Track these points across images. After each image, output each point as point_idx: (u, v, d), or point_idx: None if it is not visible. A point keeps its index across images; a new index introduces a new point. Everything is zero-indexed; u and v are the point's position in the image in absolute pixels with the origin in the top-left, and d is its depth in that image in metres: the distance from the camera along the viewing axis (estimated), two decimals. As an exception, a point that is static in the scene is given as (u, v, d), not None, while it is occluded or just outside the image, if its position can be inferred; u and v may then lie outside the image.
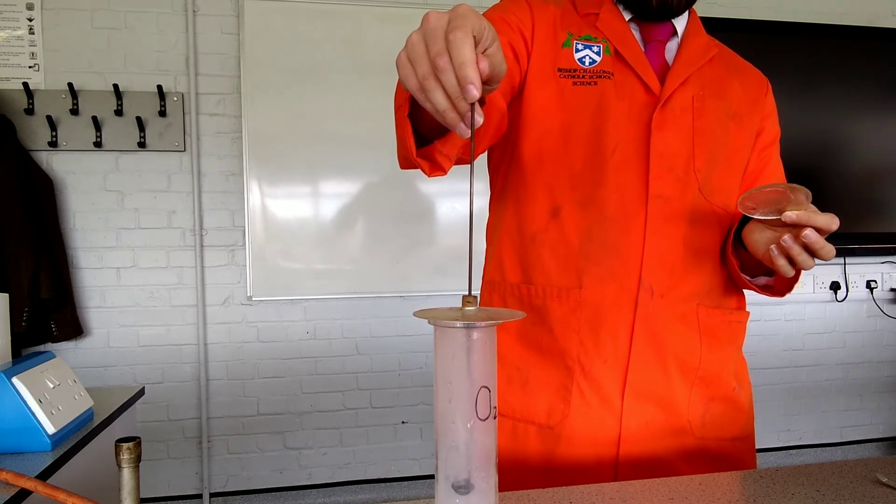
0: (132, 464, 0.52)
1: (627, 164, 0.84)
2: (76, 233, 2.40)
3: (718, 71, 0.92)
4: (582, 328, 0.83)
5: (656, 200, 0.83)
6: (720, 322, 0.88)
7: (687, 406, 0.85)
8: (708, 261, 0.87)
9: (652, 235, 0.83)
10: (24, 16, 2.34)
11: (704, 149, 0.86)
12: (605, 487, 0.68)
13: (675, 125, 0.85)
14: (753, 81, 0.95)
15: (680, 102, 0.86)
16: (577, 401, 0.83)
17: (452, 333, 0.50)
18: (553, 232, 0.86)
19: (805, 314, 2.98)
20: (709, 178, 0.86)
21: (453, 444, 0.50)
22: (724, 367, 0.89)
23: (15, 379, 0.88)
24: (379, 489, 2.64)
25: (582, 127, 0.85)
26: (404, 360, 2.65)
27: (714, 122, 0.87)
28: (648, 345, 0.82)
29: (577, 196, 0.85)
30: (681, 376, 0.84)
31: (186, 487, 2.51)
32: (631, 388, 0.82)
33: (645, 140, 0.84)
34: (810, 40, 2.79)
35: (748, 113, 0.92)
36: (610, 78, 0.86)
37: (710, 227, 0.87)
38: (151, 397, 2.45)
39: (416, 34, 0.52)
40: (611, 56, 0.87)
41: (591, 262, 0.84)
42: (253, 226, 2.46)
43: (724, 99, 0.90)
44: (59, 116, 2.33)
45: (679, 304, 0.84)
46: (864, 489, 0.66)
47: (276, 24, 2.45)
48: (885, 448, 3.08)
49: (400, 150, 0.73)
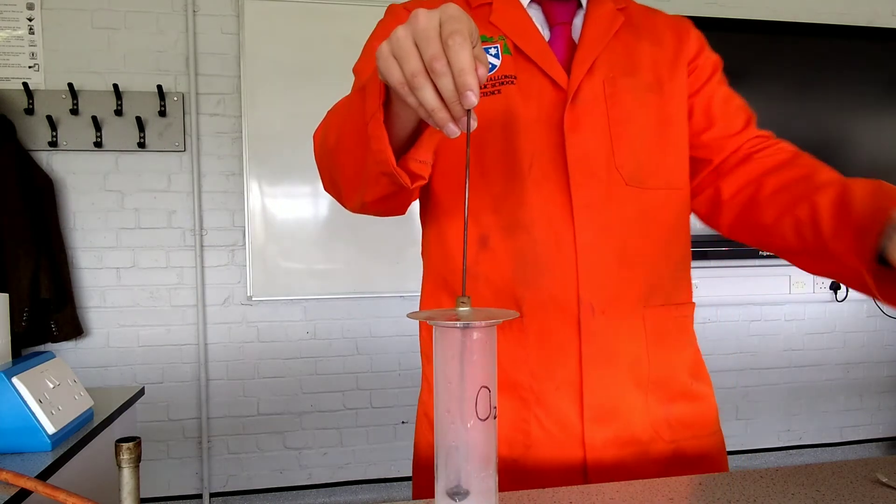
0: (132, 464, 0.52)
1: (546, 178, 0.77)
2: (76, 233, 2.40)
3: (626, 41, 0.83)
4: (530, 358, 0.78)
5: (582, 211, 0.76)
6: (666, 319, 0.82)
7: (646, 413, 0.80)
8: (651, 258, 0.80)
9: (584, 249, 0.76)
10: (24, 16, 2.34)
11: (625, 140, 0.79)
12: (604, 487, 0.68)
13: (589, 121, 0.77)
14: (668, 35, 0.86)
15: (590, 93, 0.78)
16: (537, 431, 0.79)
17: (452, 334, 0.50)
18: (485, 263, 0.80)
19: (805, 314, 2.98)
20: (638, 166, 0.79)
21: (453, 444, 0.50)
22: (675, 366, 0.83)
23: (15, 379, 0.88)
24: (379, 489, 2.64)
25: (494, 145, 0.78)
26: (404, 360, 2.65)
27: (630, 104, 0.79)
28: (599, 363, 0.77)
29: (503, 221, 0.78)
30: (634, 385, 0.79)
31: (186, 487, 2.51)
32: (589, 410, 0.77)
33: (560, 146, 0.77)
34: (810, 40, 2.79)
35: (669, 76, 0.83)
36: (513, 82, 0.78)
37: (651, 218, 0.80)
38: (151, 397, 2.45)
39: (402, 30, 0.51)
40: (511, 55, 0.79)
41: (528, 289, 0.78)
42: (253, 226, 2.46)
43: (637, 73, 0.81)
44: (59, 116, 2.33)
45: (623, 314, 0.78)
46: (864, 489, 0.66)
47: (276, 24, 2.45)
48: (885, 448, 3.08)
49: (354, 168, 0.67)
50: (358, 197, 0.73)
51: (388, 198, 0.71)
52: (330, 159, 0.73)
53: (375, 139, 0.60)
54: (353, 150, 0.67)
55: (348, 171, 0.71)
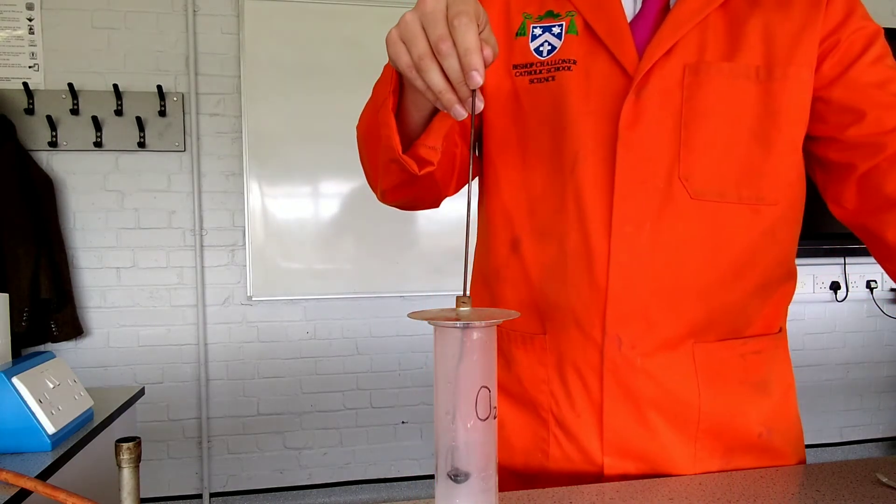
0: (132, 464, 0.52)
1: (591, 182, 0.66)
2: (76, 233, 2.40)
3: (735, 13, 0.66)
4: (551, 378, 0.71)
5: (623, 227, 0.65)
6: (728, 357, 0.70)
7: (693, 465, 0.70)
8: (712, 289, 0.67)
9: (617, 273, 0.65)
10: (24, 16, 2.34)
11: (698, 142, 0.65)
12: (605, 487, 0.68)
13: (654, 116, 0.65)
14: (800, 1, 0.67)
15: (663, 82, 0.65)
16: (556, 452, 0.72)
17: (452, 333, 0.50)
18: (513, 268, 0.73)
19: (805, 314, 2.98)
20: (716, 176, 0.65)
21: (453, 444, 0.50)
22: (739, 412, 0.71)
23: (15, 379, 0.88)
24: (379, 489, 2.64)
25: (540, 138, 0.69)
26: (404, 360, 2.65)
27: (718, 96, 0.64)
28: (621, 397, 0.68)
29: (536, 225, 0.70)
30: (674, 431, 0.69)
31: (186, 487, 2.51)
32: (609, 445, 0.69)
33: (612, 146, 0.65)
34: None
35: (787, 57, 0.65)
36: (571, 68, 0.67)
37: (723, 240, 0.66)
38: (151, 397, 2.45)
39: (410, 14, 0.51)
40: (577, 35, 0.67)
41: (551, 306, 0.70)
42: (253, 226, 2.46)
43: (739, 56, 0.65)
44: (59, 116, 2.33)
45: (660, 351, 0.68)
46: (864, 489, 0.66)
47: (276, 24, 2.45)
48: (885, 448, 3.08)
49: (371, 157, 0.69)
50: (377, 185, 0.75)
51: (404, 186, 0.70)
52: (360, 148, 0.76)
53: (384, 126, 0.61)
54: (370, 138, 0.69)
55: (369, 160, 0.73)
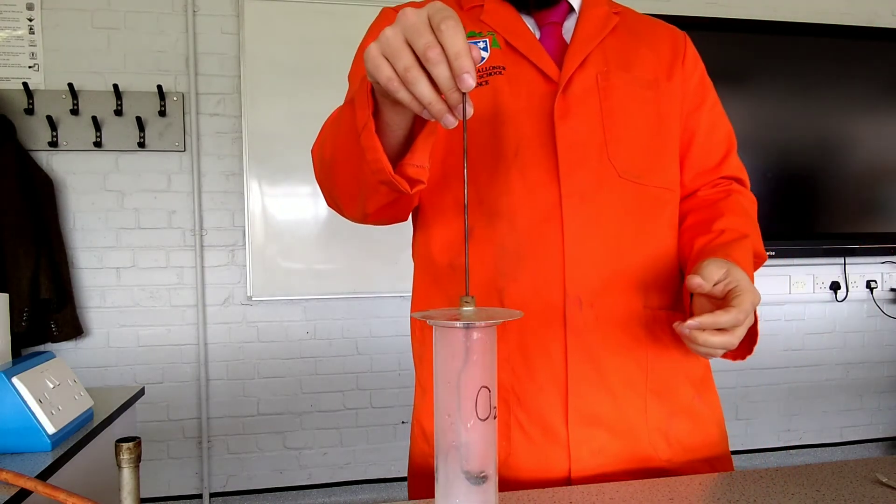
0: (132, 464, 0.52)
1: (533, 165, 0.76)
2: (76, 233, 2.40)
3: (623, 40, 0.83)
4: (512, 355, 0.75)
5: (572, 199, 0.74)
6: (668, 324, 0.77)
7: (645, 427, 0.75)
8: (648, 256, 0.78)
9: (572, 238, 0.74)
10: (24, 16, 2.34)
11: (618, 130, 0.78)
12: (604, 487, 0.68)
13: (580, 111, 0.76)
14: (667, 43, 0.86)
15: (582, 85, 0.77)
16: (518, 435, 0.75)
17: (452, 333, 0.50)
18: (469, 255, 0.78)
19: (805, 314, 2.98)
20: (633, 160, 0.78)
21: (453, 444, 0.50)
22: (678, 376, 0.79)
23: (15, 379, 0.88)
24: (379, 489, 2.64)
25: (480, 135, 0.77)
26: (404, 360, 2.65)
27: (625, 97, 0.79)
28: (585, 362, 0.74)
29: (485, 211, 0.77)
30: (629, 393, 0.75)
31: (186, 487, 2.51)
32: (574, 414, 0.73)
33: (550, 134, 0.75)
34: (810, 40, 2.79)
35: (666, 77, 0.83)
36: (501, 73, 0.78)
37: (646, 214, 0.78)
38: (151, 397, 2.45)
39: (391, 29, 0.51)
40: (500, 49, 0.79)
41: (509, 280, 0.75)
42: (253, 226, 2.46)
43: (634, 69, 0.81)
44: (59, 116, 2.33)
45: (614, 312, 0.75)
46: (864, 489, 0.66)
47: (276, 24, 2.45)
48: (885, 448, 3.08)
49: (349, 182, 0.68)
50: (359, 209, 0.73)
51: (390, 206, 0.71)
52: (328, 174, 0.74)
53: (370, 150, 0.59)
54: (347, 163, 0.66)
55: (346, 185, 0.70)
